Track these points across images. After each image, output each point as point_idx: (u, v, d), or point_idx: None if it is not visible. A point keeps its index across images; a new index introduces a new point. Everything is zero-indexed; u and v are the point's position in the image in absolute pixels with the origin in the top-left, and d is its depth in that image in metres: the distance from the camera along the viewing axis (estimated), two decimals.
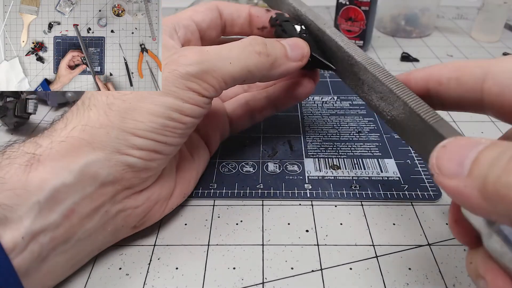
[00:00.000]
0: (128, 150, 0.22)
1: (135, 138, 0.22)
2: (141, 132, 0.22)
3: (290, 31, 0.28)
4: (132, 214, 0.24)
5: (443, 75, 0.20)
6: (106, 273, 0.24)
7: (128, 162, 0.22)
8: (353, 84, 0.26)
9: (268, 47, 0.24)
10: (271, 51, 0.24)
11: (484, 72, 0.18)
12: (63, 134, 0.21)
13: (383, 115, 0.23)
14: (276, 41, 0.26)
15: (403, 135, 0.22)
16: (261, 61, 0.24)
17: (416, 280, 0.23)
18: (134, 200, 0.24)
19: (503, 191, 0.13)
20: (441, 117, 0.19)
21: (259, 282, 0.24)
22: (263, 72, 0.25)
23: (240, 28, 0.30)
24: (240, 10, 0.29)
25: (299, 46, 0.26)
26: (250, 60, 0.24)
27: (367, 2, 0.49)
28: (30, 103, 0.35)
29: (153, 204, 0.25)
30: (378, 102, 0.23)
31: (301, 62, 0.26)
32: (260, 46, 0.24)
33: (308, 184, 0.30)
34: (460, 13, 0.67)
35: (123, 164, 0.22)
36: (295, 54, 0.26)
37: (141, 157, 0.22)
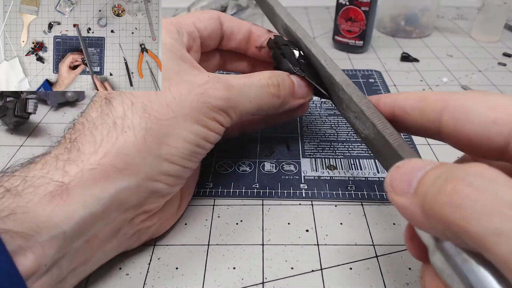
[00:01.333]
0: (159, 176, 0.22)
1: (168, 164, 0.22)
2: (174, 158, 0.22)
3: (288, 55, 0.28)
4: (146, 232, 0.24)
5: (408, 104, 0.21)
6: (106, 273, 0.24)
7: (156, 188, 0.22)
8: (336, 101, 0.27)
9: (281, 87, 0.26)
10: (282, 92, 0.26)
11: (443, 106, 0.19)
12: (94, 161, 0.20)
13: (358, 132, 0.25)
14: (287, 76, 0.27)
15: (373, 152, 0.24)
16: (273, 102, 0.26)
17: (416, 280, 0.23)
18: (150, 221, 0.24)
19: (437, 209, 0.14)
20: (402, 140, 0.21)
21: (259, 282, 0.24)
22: (272, 110, 0.27)
23: (237, 43, 0.30)
24: (241, 25, 0.29)
25: (305, 85, 0.28)
26: (265, 101, 0.26)
27: (367, 3, 0.49)
28: (30, 103, 0.35)
29: (164, 221, 0.26)
30: (353, 120, 0.25)
31: (305, 99, 0.28)
32: (275, 89, 0.26)
33: (304, 184, 0.30)
34: (460, 13, 0.68)
35: (151, 191, 0.22)
36: (301, 92, 0.28)
37: (168, 183, 0.22)
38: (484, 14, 0.56)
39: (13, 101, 0.35)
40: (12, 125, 0.36)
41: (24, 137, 0.36)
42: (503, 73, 0.48)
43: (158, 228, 0.25)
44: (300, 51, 0.29)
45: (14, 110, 0.35)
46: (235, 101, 0.24)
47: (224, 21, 0.29)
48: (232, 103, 0.24)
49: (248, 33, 0.30)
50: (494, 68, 0.49)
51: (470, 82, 0.46)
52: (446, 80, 0.47)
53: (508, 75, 0.48)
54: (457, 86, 0.46)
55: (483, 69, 0.49)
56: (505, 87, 0.45)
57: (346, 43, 0.53)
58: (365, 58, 0.52)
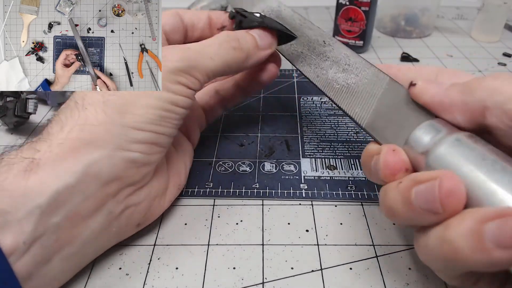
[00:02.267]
0: (130, 145, 0.22)
1: (136, 132, 0.22)
2: (141, 125, 0.22)
3: (249, 15, 0.29)
4: (135, 211, 0.24)
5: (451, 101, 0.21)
6: (106, 273, 0.24)
7: (130, 157, 0.22)
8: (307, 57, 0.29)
9: (241, 41, 0.27)
10: (244, 45, 0.27)
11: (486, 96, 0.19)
12: (61, 137, 0.21)
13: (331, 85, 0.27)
14: (246, 32, 0.28)
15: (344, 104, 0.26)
16: (237, 56, 0.26)
17: (416, 280, 0.23)
18: (137, 196, 0.24)
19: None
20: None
21: (259, 282, 0.24)
22: (240, 65, 0.27)
23: (201, 31, 0.31)
24: (199, 14, 0.31)
25: (267, 34, 0.28)
26: (228, 56, 0.26)
27: (367, 3, 0.49)
28: (30, 103, 0.35)
29: (153, 199, 0.25)
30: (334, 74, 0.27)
31: (271, 49, 0.29)
32: (235, 42, 0.26)
33: (304, 184, 0.30)
34: (460, 13, 0.68)
35: (125, 161, 0.22)
36: (265, 42, 0.28)
37: (142, 151, 0.23)
38: (484, 14, 0.56)
39: (13, 101, 0.35)
40: (12, 125, 0.36)
41: (24, 137, 0.36)
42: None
43: (148, 209, 0.25)
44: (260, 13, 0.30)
45: (14, 110, 0.35)
46: (195, 60, 0.24)
47: (182, 14, 0.30)
48: (191, 63, 0.24)
49: (208, 20, 0.31)
50: (494, 68, 0.49)
51: None
52: None
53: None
54: None
55: (483, 69, 0.49)
56: None
57: (346, 43, 0.53)
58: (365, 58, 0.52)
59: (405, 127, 0.22)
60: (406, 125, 0.22)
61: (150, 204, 0.25)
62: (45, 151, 0.20)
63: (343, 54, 0.28)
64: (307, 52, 0.30)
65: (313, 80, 0.28)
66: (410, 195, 0.18)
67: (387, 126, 0.23)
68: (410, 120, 0.22)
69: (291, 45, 0.31)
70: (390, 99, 0.24)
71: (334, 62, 0.28)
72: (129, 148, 0.22)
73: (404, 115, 0.23)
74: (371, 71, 0.26)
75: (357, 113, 0.25)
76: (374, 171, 0.22)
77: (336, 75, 0.27)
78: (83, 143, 0.21)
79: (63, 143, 0.21)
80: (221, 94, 0.34)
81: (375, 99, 0.25)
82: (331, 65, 0.28)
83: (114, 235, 0.24)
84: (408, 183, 0.19)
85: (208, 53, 0.25)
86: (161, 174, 0.26)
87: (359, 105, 0.25)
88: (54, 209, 0.20)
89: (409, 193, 0.18)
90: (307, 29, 0.31)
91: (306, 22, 0.32)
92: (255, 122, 0.38)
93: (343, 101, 0.26)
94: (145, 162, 0.23)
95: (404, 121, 0.22)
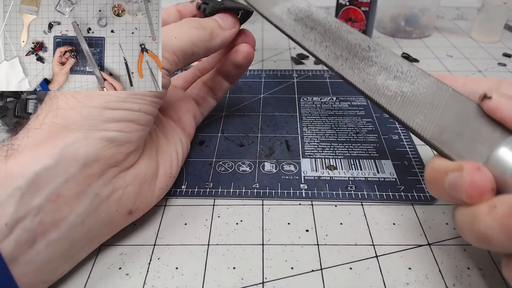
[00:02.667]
0: (104, 125, 0.22)
1: (109, 111, 0.23)
2: (113, 104, 0.23)
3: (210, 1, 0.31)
4: (124, 195, 0.24)
5: None
6: (106, 273, 0.24)
7: (107, 137, 0.22)
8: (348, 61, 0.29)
9: (201, 22, 0.28)
10: (205, 24, 0.28)
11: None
12: (37, 123, 0.22)
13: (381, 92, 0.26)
14: (208, 18, 0.30)
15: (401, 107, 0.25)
16: (201, 34, 0.28)
17: (416, 280, 0.23)
18: (123, 179, 0.24)
19: None
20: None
21: (259, 282, 0.24)
22: (206, 43, 0.28)
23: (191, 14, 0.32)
24: (168, 9, 0.32)
25: (228, 16, 0.30)
26: (191, 34, 0.27)
27: (367, 3, 0.49)
28: (30, 103, 0.35)
29: (142, 183, 0.25)
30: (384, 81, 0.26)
31: (235, 28, 0.30)
32: (195, 23, 0.28)
33: (304, 184, 0.30)
34: (460, 14, 0.68)
35: (102, 140, 0.22)
36: (227, 23, 0.30)
37: (120, 130, 0.23)
38: (484, 14, 0.56)
39: (13, 101, 0.35)
40: (12, 125, 0.36)
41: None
42: (503, 74, 0.48)
43: (138, 195, 0.25)
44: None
45: (14, 111, 0.35)
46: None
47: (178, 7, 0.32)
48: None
49: (177, 13, 0.32)
50: (494, 69, 0.49)
51: None
52: None
53: (508, 75, 0.48)
54: None
55: (483, 70, 0.49)
56: None
57: None
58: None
59: (480, 142, 0.21)
60: (481, 140, 0.21)
61: (139, 188, 0.25)
62: (23, 137, 0.21)
63: (393, 61, 0.27)
64: (347, 55, 0.29)
65: (358, 85, 0.27)
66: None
67: (456, 140, 0.22)
68: (484, 134, 0.21)
69: (327, 47, 0.30)
70: (457, 111, 0.23)
71: (382, 68, 0.27)
72: (104, 128, 0.22)
73: (476, 129, 0.22)
74: (429, 81, 0.25)
75: (418, 124, 0.23)
76: (451, 190, 0.20)
77: (386, 82, 0.26)
78: (58, 127, 0.22)
79: (39, 128, 0.22)
80: (208, 84, 0.35)
81: (438, 110, 0.23)
82: (379, 71, 0.27)
83: (104, 221, 0.24)
84: (506, 210, 0.17)
85: (171, 34, 0.26)
86: (150, 158, 0.26)
87: (420, 115, 0.23)
88: (35, 191, 0.20)
89: (510, 221, 0.17)
90: (346, 33, 0.30)
91: (344, 25, 0.31)
92: (255, 122, 0.38)
93: (398, 109, 0.24)
94: (125, 141, 0.23)
95: (478, 135, 0.21)
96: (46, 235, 0.20)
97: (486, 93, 0.21)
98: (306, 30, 0.32)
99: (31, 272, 0.20)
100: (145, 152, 0.26)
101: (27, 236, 0.20)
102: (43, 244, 0.20)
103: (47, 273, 0.22)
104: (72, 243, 0.22)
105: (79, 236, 0.22)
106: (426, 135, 0.23)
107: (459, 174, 0.19)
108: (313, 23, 0.32)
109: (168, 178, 0.28)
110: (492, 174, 0.19)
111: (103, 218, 0.23)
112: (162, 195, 0.28)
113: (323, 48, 0.30)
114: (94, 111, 0.22)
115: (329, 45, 0.30)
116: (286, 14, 0.34)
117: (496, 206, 0.18)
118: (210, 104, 0.36)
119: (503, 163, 0.19)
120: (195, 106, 0.34)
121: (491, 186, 0.19)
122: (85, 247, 0.24)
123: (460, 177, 0.19)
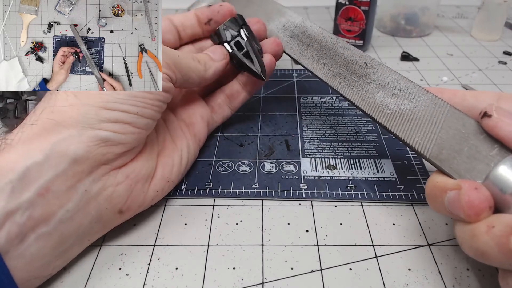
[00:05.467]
0: (99, 124, 0.23)
1: (106, 111, 0.23)
2: (111, 105, 0.23)
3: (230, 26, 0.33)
4: (114, 193, 0.24)
5: None
6: (106, 273, 0.24)
7: (100, 136, 0.23)
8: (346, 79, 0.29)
9: (197, 56, 0.30)
10: (200, 58, 0.30)
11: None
12: (34, 118, 0.22)
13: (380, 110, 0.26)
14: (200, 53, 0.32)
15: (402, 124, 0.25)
16: (197, 65, 0.29)
17: (415, 280, 0.23)
18: (114, 177, 0.24)
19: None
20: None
21: (259, 282, 0.24)
22: (201, 73, 0.30)
23: (191, 28, 0.34)
24: (187, 14, 0.34)
25: (217, 49, 0.32)
26: (190, 62, 0.29)
27: (366, 2, 0.49)
28: (30, 104, 0.35)
29: (134, 183, 0.25)
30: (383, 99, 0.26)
31: (226, 59, 0.32)
32: (191, 55, 0.30)
33: (303, 184, 0.30)
34: (460, 12, 0.67)
35: (95, 139, 0.22)
36: (217, 55, 0.32)
37: (115, 131, 0.23)
38: (484, 12, 0.55)
39: (13, 102, 0.35)
40: (12, 127, 0.36)
41: None
42: (503, 72, 0.48)
43: (129, 194, 0.25)
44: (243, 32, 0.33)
45: (14, 112, 0.35)
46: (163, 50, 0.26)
47: (172, 18, 0.33)
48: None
49: (195, 17, 0.33)
50: (494, 67, 0.49)
51: (471, 81, 0.46)
52: (446, 79, 0.47)
53: (509, 73, 0.48)
54: (458, 85, 0.45)
55: (483, 68, 0.49)
56: (506, 86, 0.45)
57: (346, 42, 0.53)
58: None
59: (479, 160, 0.21)
60: (480, 158, 0.21)
61: (130, 188, 0.25)
62: (17, 132, 0.22)
63: (391, 77, 0.27)
64: (345, 73, 0.29)
65: (357, 104, 0.27)
66: (509, 243, 0.17)
67: (456, 158, 0.22)
68: (483, 152, 0.21)
69: (325, 65, 0.30)
70: (456, 128, 0.23)
71: (380, 85, 0.27)
72: (99, 127, 0.23)
73: (475, 146, 0.22)
74: (427, 97, 0.25)
75: (417, 142, 0.23)
76: (450, 208, 0.20)
77: (385, 100, 0.26)
78: (53, 123, 0.22)
79: (35, 123, 0.22)
80: (226, 92, 0.35)
81: (437, 128, 0.23)
82: (378, 89, 0.27)
83: (94, 218, 0.23)
84: (503, 230, 0.18)
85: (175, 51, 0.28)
86: (147, 159, 0.26)
87: (418, 133, 0.24)
88: (25, 185, 0.20)
89: (507, 241, 0.17)
90: (342, 49, 0.31)
91: (339, 41, 0.31)
92: (255, 122, 0.38)
93: (398, 128, 0.25)
94: (118, 141, 0.23)
95: (477, 153, 0.21)
96: (36, 230, 0.21)
97: (486, 110, 0.21)
98: (303, 47, 0.32)
99: (23, 266, 0.20)
100: (144, 153, 0.26)
101: (18, 230, 0.20)
102: (33, 238, 0.21)
103: (38, 268, 0.22)
104: (62, 239, 0.22)
105: (68, 232, 0.22)
106: (426, 153, 0.23)
107: (457, 193, 0.20)
108: (309, 39, 0.32)
109: (166, 182, 0.28)
110: (491, 192, 0.20)
111: (92, 215, 0.23)
112: (157, 198, 0.27)
113: (321, 66, 0.31)
114: (92, 110, 0.22)
115: (327, 62, 0.30)
116: (282, 31, 0.34)
117: (494, 225, 0.18)
118: (225, 113, 0.35)
119: (501, 181, 0.20)
120: (209, 113, 0.34)
121: (488, 205, 0.19)
122: (76, 244, 0.24)
123: (458, 196, 0.20)
